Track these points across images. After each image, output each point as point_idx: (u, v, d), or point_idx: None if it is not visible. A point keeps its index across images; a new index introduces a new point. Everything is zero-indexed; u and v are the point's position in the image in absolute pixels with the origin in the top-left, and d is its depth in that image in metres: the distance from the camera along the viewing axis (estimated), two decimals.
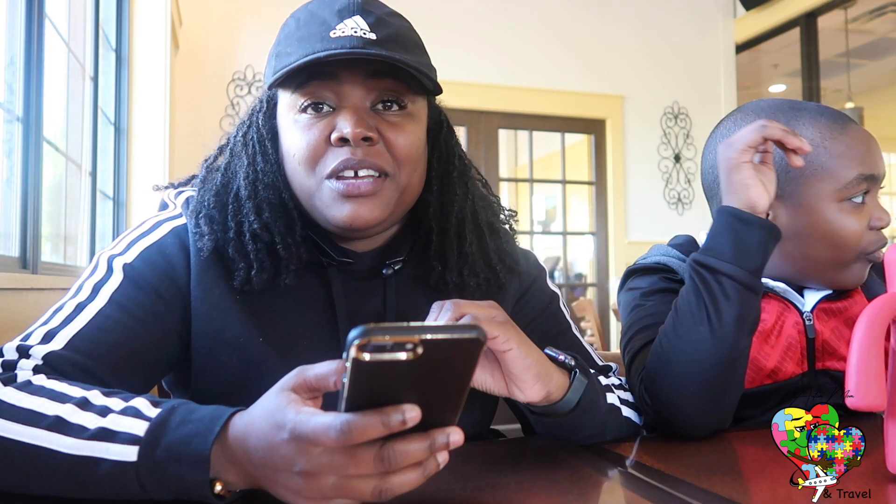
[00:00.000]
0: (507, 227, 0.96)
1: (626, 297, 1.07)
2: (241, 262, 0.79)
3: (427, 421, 0.51)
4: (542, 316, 0.95)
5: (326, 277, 0.84)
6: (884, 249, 0.99)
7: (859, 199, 0.98)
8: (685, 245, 1.11)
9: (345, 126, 0.75)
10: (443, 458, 0.54)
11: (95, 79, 2.82)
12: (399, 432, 0.51)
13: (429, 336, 0.47)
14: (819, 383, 1.01)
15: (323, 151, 0.77)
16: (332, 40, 0.75)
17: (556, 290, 0.99)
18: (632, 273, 1.10)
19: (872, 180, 0.99)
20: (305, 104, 0.78)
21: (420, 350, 0.47)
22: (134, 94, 3.11)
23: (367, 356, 0.47)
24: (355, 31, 0.75)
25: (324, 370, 0.53)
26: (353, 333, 0.46)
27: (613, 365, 0.96)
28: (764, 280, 1.00)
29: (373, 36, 0.75)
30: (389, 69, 0.77)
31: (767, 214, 0.99)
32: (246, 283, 0.79)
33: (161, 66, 3.15)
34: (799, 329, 1.01)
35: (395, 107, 0.79)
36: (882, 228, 1.00)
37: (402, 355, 0.47)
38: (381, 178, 0.78)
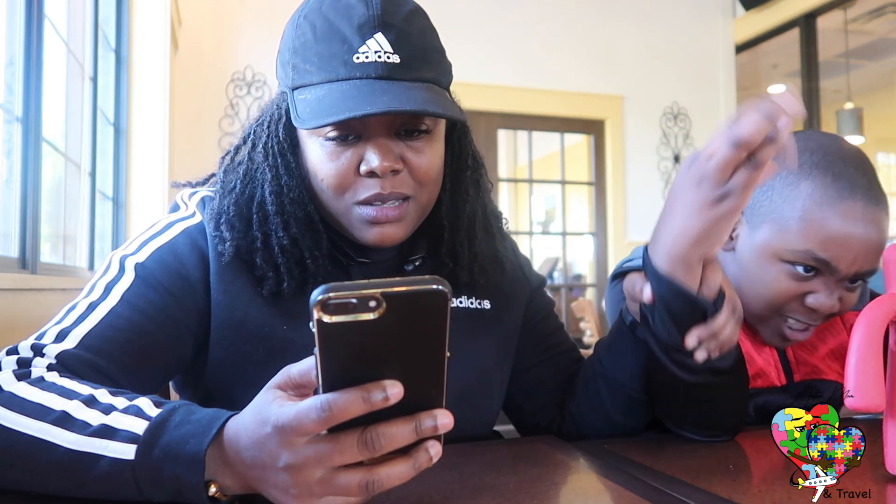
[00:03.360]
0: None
1: (612, 304, 1.09)
2: (269, 272, 0.80)
3: (412, 401, 0.49)
4: (542, 313, 1.01)
5: (349, 272, 0.86)
6: (799, 336, 0.96)
7: (802, 271, 0.91)
8: None
9: (374, 159, 0.76)
10: (435, 451, 0.53)
11: (95, 79, 2.82)
12: (384, 416, 0.49)
13: (389, 289, 0.45)
14: (799, 396, 1.02)
15: (352, 182, 0.78)
16: (356, 66, 0.75)
17: (551, 298, 1.07)
18: (614, 277, 1.11)
19: (826, 268, 0.90)
20: (332, 133, 0.77)
21: (384, 306, 0.45)
22: (133, 94, 3.11)
23: (329, 318, 0.45)
24: (379, 56, 0.75)
25: (307, 364, 0.53)
26: (313, 294, 0.45)
27: None
28: None
29: (396, 59, 0.75)
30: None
31: (734, 229, 0.99)
32: (276, 294, 0.81)
33: (160, 67, 3.15)
34: (772, 345, 1.02)
35: (418, 131, 0.79)
36: (817, 311, 0.92)
37: (368, 314, 0.45)
38: (405, 202, 0.80)
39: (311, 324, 0.46)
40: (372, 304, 0.45)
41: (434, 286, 0.46)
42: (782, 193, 0.93)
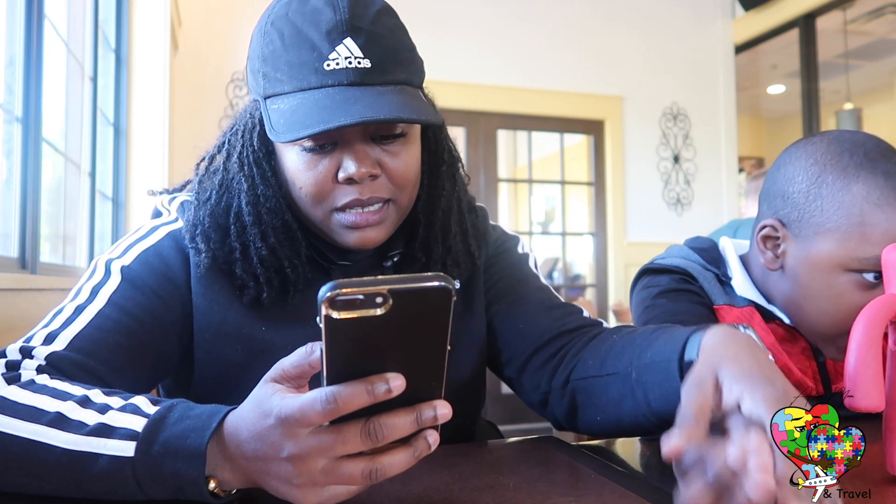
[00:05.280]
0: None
1: (640, 296, 1.05)
2: (249, 282, 0.81)
3: (412, 393, 0.51)
4: (506, 272, 0.96)
5: (330, 275, 0.86)
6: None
7: (871, 278, 0.86)
8: (708, 251, 1.05)
9: (351, 166, 0.76)
10: (433, 439, 0.54)
11: (95, 79, 2.82)
12: (385, 407, 0.51)
13: (397, 286, 0.47)
14: (838, 407, 0.99)
15: (330, 189, 0.78)
16: (328, 74, 0.74)
17: (528, 252, 1.00)
18: (645, 272, 1.08)
19: None
20: (308, 143, 0.77)
21: (390, 302, 0.46)
22: (133, 94, 3.11)
23: (337, 314, 0.46)
24: (350, 62, 0.74)
25: (298, 355, 0.54)
26: (322, 290, 0.46)
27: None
28: (771, 308, 0.98)
29: (367, 63, 0.75)
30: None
31: (777, 246, 0.93)
32: (256, 303, 0.81)
33: (160, 67, 3.15)
34: (807, 354, 0.98)
35: (393, 136, 0.79)
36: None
37: (374, 310, 0.47)
38: (386, 205, 0.80)
39: (318, 318, 0.47)
40: (378, 300, 0.46)
41: (439, 283, 0.47)
42: (834, 200, 0.88)
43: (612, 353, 0.79)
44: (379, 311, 0.47)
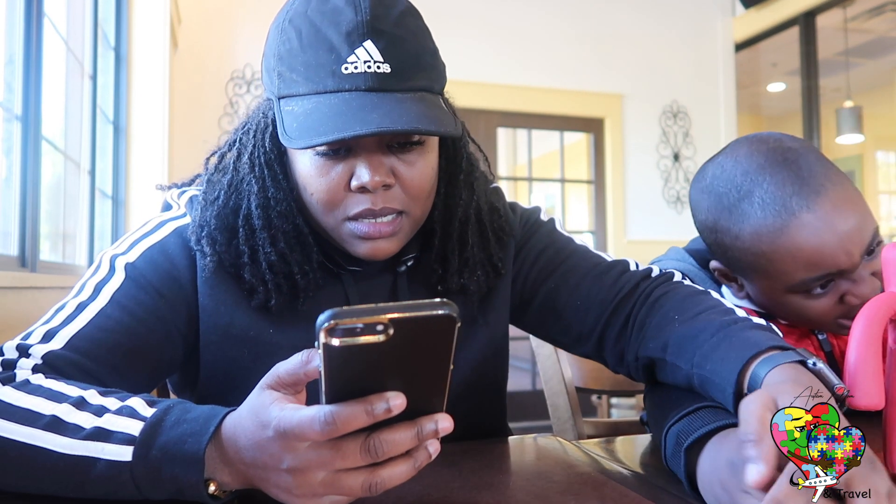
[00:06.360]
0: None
1: None
2: (259, 287, 0.78)
3: (413, 409, 0.50)
4: (546, 242, 0.95)
5: (341, 279, 0.85)
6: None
7: (819, 290, 0.85)
8: (703, 253, 1.03)
9: (364, 175, 0.73)
10: (434, 448, 0.53)
11: (94, 77, 2.82)
12: (385, 421, 0.50)
13: (398, 315, 0.45)
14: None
15: (342, 197, 0.75)
16: (345, 78, 0.71)
17: (551, 217, 0.98)
18: None
19: (836, 274, 0.83)
20: (321, 148, 0.74)
21: (391, 331, 0.45)
22: (133, 92, 3.10)
23: (336, 341, 0.45)
24: (369, 66, 0.71)
25: (293, 363, 0.53)
26: (320, 318, 0.45)
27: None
28: (761, 311, 0.97)
29: (387, 68, 0.71)
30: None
31: (735, 279, 0.94)
32: (264, 309, 0.79)
33: (160, 65, 3.14)
34: (815, 345, 0.96)
35: (410, 143, 0.76)
36: (862, 299, 0.81)
37: (374, 338, 0.45)
38: (399, 217, 0.77)
39: (316, 343, 0.46)
40: (379, 328, 0.45)
41: (442, 311, 0.46)
42: (738, 251, 0.87)
43: (673, 340, 0.77)
44: (380, 338, 0.45)
